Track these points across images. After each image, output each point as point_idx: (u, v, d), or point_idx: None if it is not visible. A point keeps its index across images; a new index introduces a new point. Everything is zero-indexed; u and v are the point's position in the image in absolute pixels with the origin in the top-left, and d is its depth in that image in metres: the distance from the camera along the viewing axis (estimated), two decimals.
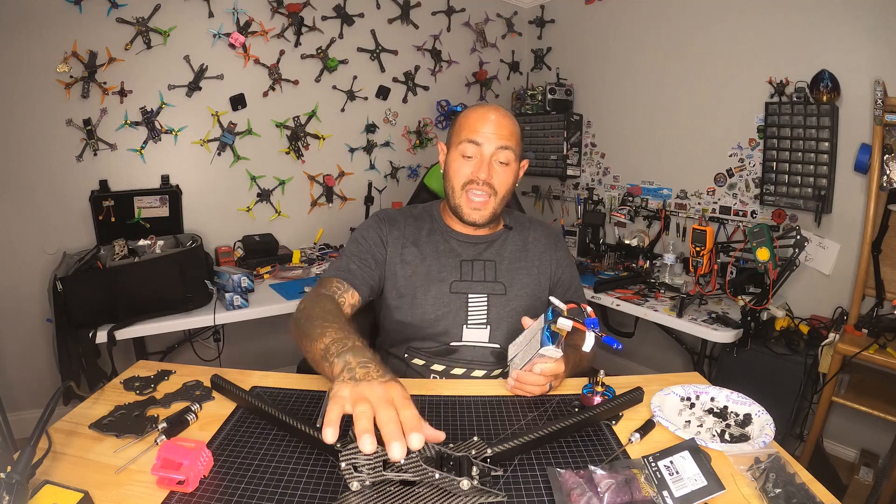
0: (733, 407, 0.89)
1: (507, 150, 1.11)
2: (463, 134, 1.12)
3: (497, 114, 1.12)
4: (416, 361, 1.15)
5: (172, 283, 1.84)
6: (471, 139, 1.10)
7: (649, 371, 2.90)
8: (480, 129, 1.10)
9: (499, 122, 1.11)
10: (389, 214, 1.24)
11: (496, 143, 1.10)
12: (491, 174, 1.10)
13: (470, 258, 1.18)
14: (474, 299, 1.14)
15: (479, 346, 1.14)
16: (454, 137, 1.15)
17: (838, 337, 1.82)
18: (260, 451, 0.76)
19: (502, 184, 1.12)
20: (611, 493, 0.64)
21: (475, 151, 1.11)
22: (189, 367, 1.04)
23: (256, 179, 2.63)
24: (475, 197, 1.12)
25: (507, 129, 1.11)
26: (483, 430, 0.83)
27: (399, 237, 1.19)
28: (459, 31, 3.19)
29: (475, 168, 1.11)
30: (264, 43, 2.53)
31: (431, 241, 1.19)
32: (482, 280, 1.16)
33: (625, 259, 2.77)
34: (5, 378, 2.13)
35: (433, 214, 1.24)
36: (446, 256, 1.17)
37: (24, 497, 0.61)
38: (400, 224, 1.21)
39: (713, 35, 2.47)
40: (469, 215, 1.13)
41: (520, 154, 1.16)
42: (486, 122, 1.10)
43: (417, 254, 1.17)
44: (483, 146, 1.10)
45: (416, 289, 1.14)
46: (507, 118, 1.13)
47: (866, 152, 1.94)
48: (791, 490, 0.65)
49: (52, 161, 2.12)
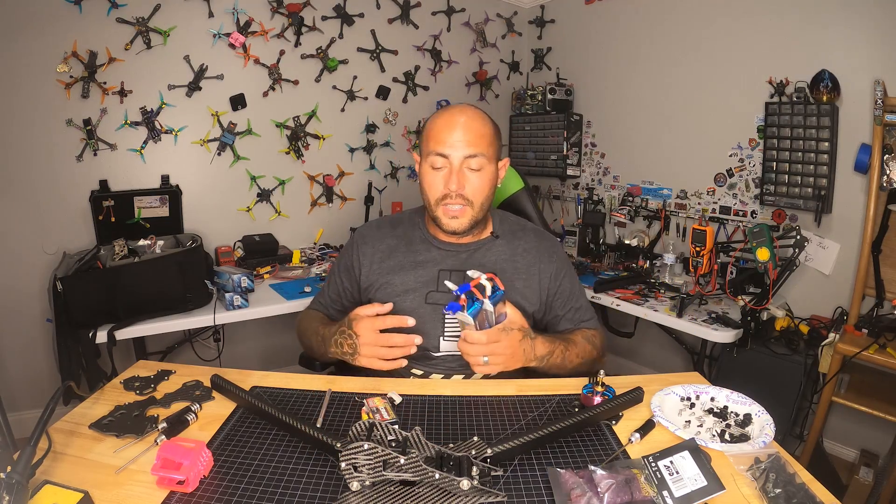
0: (733, 407, 0.89)
1: (477, 156, 1.05)
2: (430, 144, 1.07)
3: (464, 116, 1.06)
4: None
5: (172, 283, 1.84)
6: (438, 151, 1.05)
7: (649, 371, 2.90)
8: (446, 138, 1.04)
9: (466, 127, 1.05)
10: (363, 233, 1.24)
11: (464, 150, 1.04)
12: (462, 184, 1.05)
13: (449, 268, 1.15)
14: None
15: (457, 355, 1.10)
16: (423, 147, 1.10)
17: (838, 337, 1.82)
18: (260, 451, 0.76)
19: (477, 192, 1.07)
20: (611, 493, 0.64)
21: (444, 162, 1.05)
22: (189, 367, 1.04)
23: (256, 179, 2.63)
24: (452, 206, 1.08)
25: (475, 132, 1.05)
26: (483, 430, 0.83)
27: (372, 252, 1.18)
28: (459, 31, 3.19)
29: (446, 180, 1.06)
30: (264, 43, 2.53)
31: (411, 250, 1.18)
32: None
33: (625, 259, 2.77)
34: (5, 378, 2.13)
35: (417, 221, 1.22)
36: (424, 266, 1.15)
37: (24, 497, 0.61)
38: (373, 239, 1.20)
39: (713, 35, 2.47)
40: (448, 225, 1.10)
41: (495, 155, 1.10)
42: (452, 130, 1.04)
43: (394, 265, 1.16)
44: (451, 157, 1.04)
45: (392, 299, 1.13)
46: (475, 120, 1.07)
47: (866, 152, 1.94)
48: (791, 490, 0.65)
49: (52, 161, 2.12)
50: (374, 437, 0.70)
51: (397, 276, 1.15)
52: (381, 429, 0.71)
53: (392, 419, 0.84)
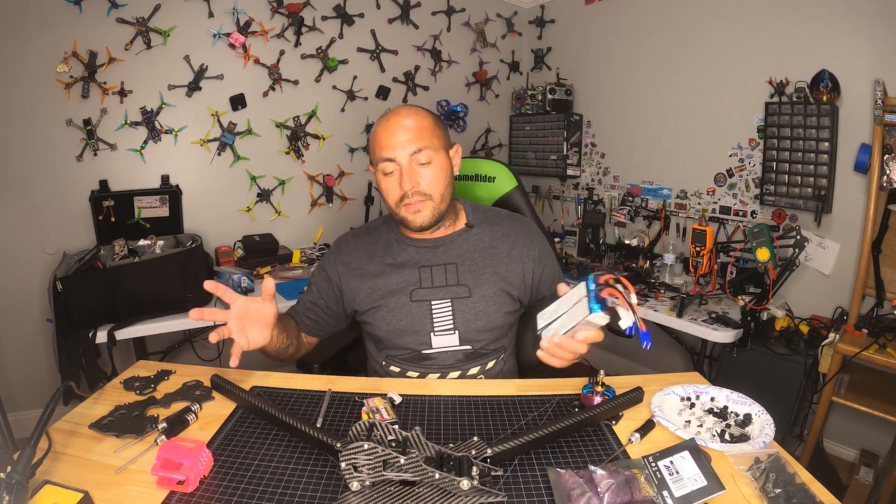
0: (733, 407, 0.88)
1: (423, 150, 1.05)
2: (377, 153, 1.08)
3: (398, 116, 1.07)
4: (393, 368, 1.15)
5: (172, 283, 1.84)
6: (384, 157, 1.06)
7: (649, 371, 2.89)
8: (388, 141, 1.06)
9: (403, 127, 1.06)
10: (340, 244, 1.24)
11: (408, 149, 1.05)
12: (416, 181, 1.06)
13: (429, 263, 1.15)
14: (438, 305, 1.12)
15: (450, 351, 1.12)
16: (372, 157, 1.11)
17: (838, 337, 1.82)
18: (260, 451, 0.76)
19: (432, 184, 1.07)
20: (611, 493, 0.64)
21: (393, 167, 1.06)
22: (189, 367, 1.04)
23: (256, 179, 2.63)
24: (412, 203, 1.08)
25: (413, 129, 1.06)
26: (483, 430, 0.83)
27: (350, 261, 1.19)
28: (459, 31, 3.19)
29: (399, 182, 1.06)
30: (264, 43, 2.53)
31: (389, 252, 1.18)
32: (443, 285, 1.13)
33: (625, 259, 2.76)
34: (5, 378, 2.13)
35: (391, 225, 1.22)
36: (404, 266, 1.15)
37: (24, 497, 0.61)
38: (349, 248, 1.21)
39: (713, 35, 2.47)
40: (413, 221, 1.10)
41: (442, 144, 1.10)
42: (391, 133, 1.06)
43: (374, 269, 1.16)
44: (397, 158, 1.05)
45: (378, 302, 1.14)
46: (410, 117, 1.07)
47: (866, 152, 1.94)
48: (791, 490, 0.65)
49: (52, 161, 2.12)
50: (374, 437, 0.70)
51: (380, 280, 1.15)
52: (381, 429, 0.71)
53: (392, 419, 0.84)
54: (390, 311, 1.13)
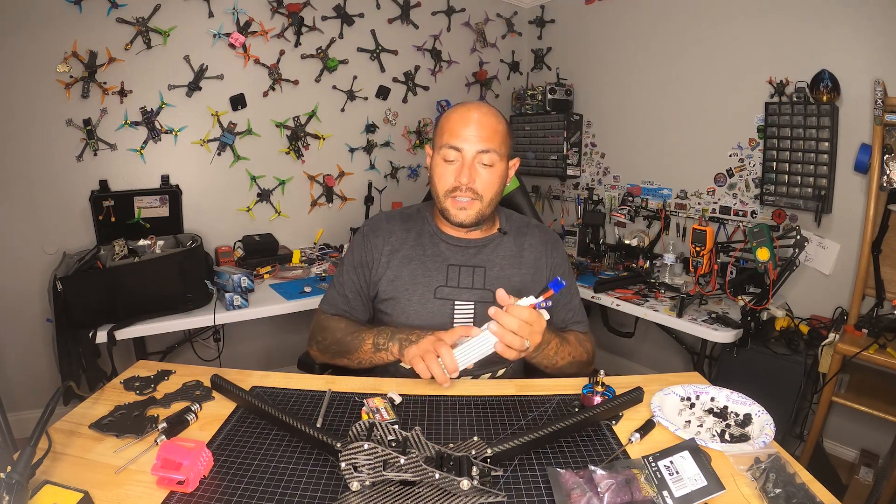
0: (733, 407, 0.89)
1: (490, 152, 1.07)
2: (444, 137, 1.08)
3: (479, 112, 1.08)
4: (404, 365, 1.14)
5: (172, 283, 1.84)
6: (451, 144, 1.06)
7: (649, 371, 2.90)
8: (461, 131, 1.06)
9: (480, 123, 1.06)
10: (373, 225, 1.23)
11: (477, 145, 1.06)
12: (473, 178, 1.07)
13: (458, 263, 1.15)
14: (461, 306, 1.12)
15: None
16: (437, 140, 1.11)
17: (838, 337, 1.82)
18: (260, 451, 0.76)
19: (486, 187, 1.09)
20: (611, 493, 0.64)
21: (456, 156, 1.07)
22: (189, 367, 1.04)
23: (256, 179, 2.63)
24: (461, 198, 1.09)
25: (489, 128, 1.07)
26: (483, 430, 0.83)
27: (382, 244, 1.18)
28: (459, 31, 3.19)
29: (457, 173, 1.07)
30: (264, 43, 2.53)
31: (420, 243, 1.18)
32: (469, 287, 1.13)
33: (625, 259, 2.77)
34: (5, 378, 2.13)
35: (426, 216, 1.22)
36: (433, 260, 1.15)
37: (24, 497, 0.61)
38: (384, 231, 1.20)
39: (713, 35, 2.48)
40: (456, 216, 1.10)
41: (507, 153, 1.12)
42: (466, 124, 1.06)
43: (403, 258, 1.16)
44: (464, 150, 1.06)
45: (399, 293, 1.13)
46: (489, 116, 1.08)
47: (866, 152, 1.94)
48: (791, 490, 0.65)
49: (52, 161, 2.12)
50: (374, 437, 0.70)
51: (406, 270, 1.15)
52: (381, 429, 0.71)
53: (392, 419, 0.84)
54: (411, 304, 1.12)
